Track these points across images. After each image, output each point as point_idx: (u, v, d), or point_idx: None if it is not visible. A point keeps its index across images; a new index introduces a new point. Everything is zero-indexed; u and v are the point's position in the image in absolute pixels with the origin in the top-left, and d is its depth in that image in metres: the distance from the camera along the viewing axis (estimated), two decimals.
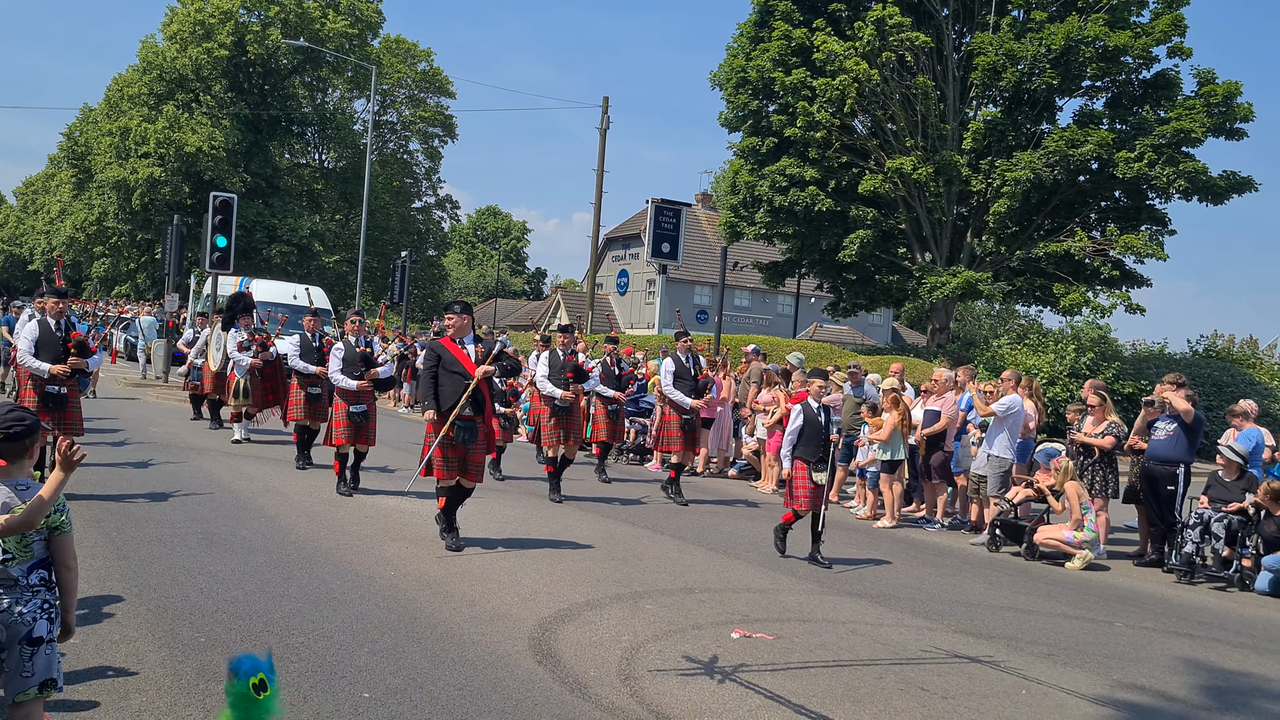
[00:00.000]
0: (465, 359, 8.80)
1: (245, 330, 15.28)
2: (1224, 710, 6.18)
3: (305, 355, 13.11)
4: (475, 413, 8.76)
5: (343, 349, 11.42)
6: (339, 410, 11.27)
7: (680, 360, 12.99)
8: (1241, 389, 25.31)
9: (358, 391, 11.32)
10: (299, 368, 13.05)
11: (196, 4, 47.62)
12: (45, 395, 9.56)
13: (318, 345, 13.18)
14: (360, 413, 11.31)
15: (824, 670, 6.17)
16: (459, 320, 8.99)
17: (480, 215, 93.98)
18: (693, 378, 12.84)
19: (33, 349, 9.58)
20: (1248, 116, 25.02)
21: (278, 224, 48.28)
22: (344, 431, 11.21)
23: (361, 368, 11.36)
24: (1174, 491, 11.08)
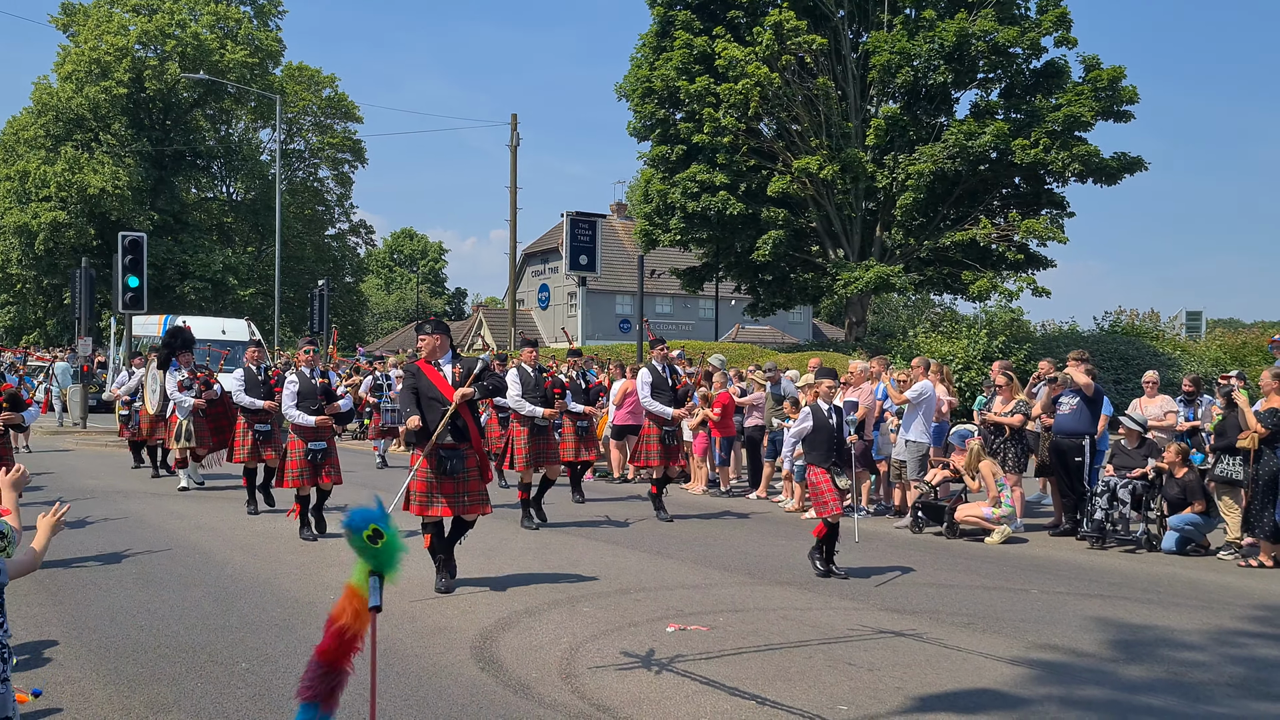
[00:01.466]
0: (441, 382, 8.14)
1: (186, 368, 14.33)
2: (1131, 661, 6.60)
3: (251, 390, 12.26)
4: (458, 440, 8.03)
5: (296, 381, 10.57)
6: (295, 449, 10.43)
7: (657, 370, 12.27)
8: (1147, 361, 26.32)
9: (316, 427, 10.49)
10: (245, 403, 12.22)
11: (90, 42, 46.67)
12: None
13: (264, 378, 12.41)
14: (320, 450, 10.49)
15: (756, 655, 6.45)
16: (431, 340, 8.29)
17: (396, 239, 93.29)
18: (671, 387, 12.17)
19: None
20: (1133, 99, 26.12)
21: (189, 260, 47.47)
22: (302, 471, 10.39)
23: (320, 401, 10.57)
24: (1081, 462, 11.64)
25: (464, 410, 8.03)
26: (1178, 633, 7.34)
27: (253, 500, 12.26)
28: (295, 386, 10.51)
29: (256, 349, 12.94)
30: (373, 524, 3.94)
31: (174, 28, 47.79)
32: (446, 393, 8.05)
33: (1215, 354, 28.49)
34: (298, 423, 10.41)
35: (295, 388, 10.51)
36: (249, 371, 12.42)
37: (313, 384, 10.61)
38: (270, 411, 12.12)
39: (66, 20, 50.09)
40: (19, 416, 9.19)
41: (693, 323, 53.34)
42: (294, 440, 10.48)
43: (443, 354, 8.32)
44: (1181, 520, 10.61)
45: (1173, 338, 33.57)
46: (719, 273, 32.12)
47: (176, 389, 14.07)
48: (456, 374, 8.16)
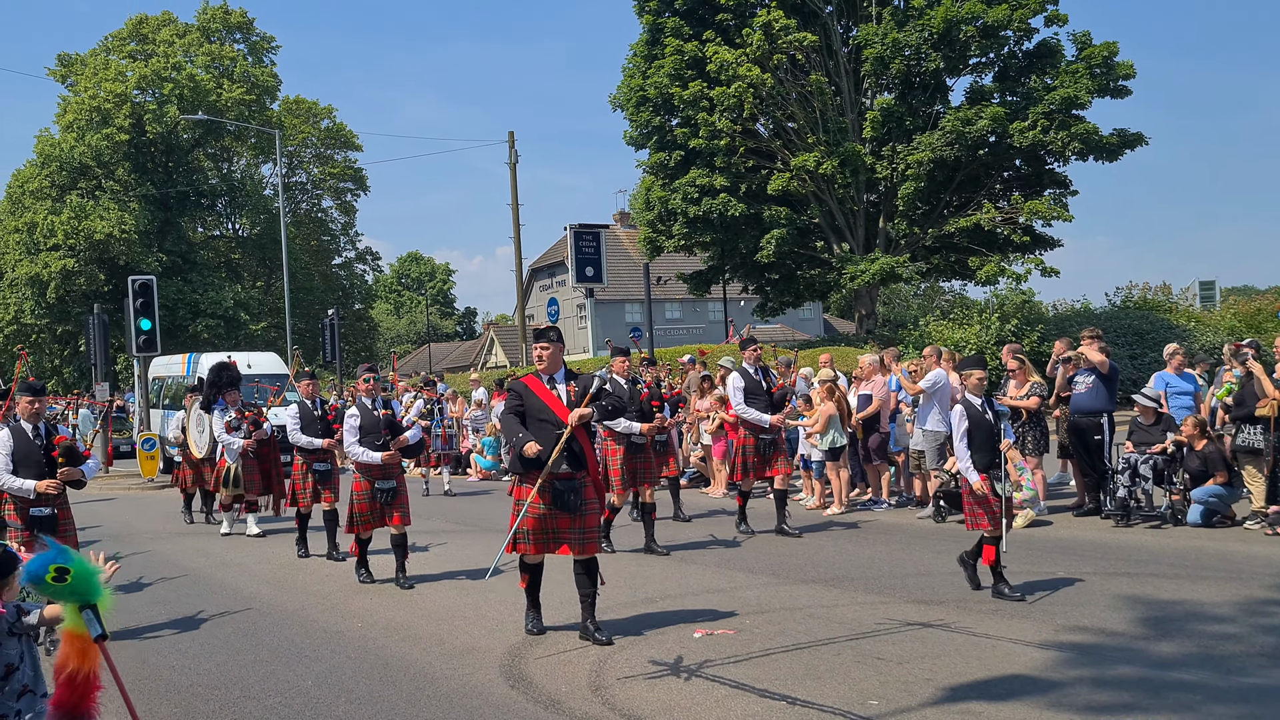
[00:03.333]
0: (555, 401, 7.13)
1: (233, 408, 13.19)
2: (1161, 638, 6.57)
3: (307, 427, 11.05)
4: (574, 468, 7.04)
5: (357, 415, 9.44)
6: (361, 491, 9.31)
7: (749, 373, 11.24)
8: (1161, 334, 26.26)
9: (383, 464, 9.34)
10: (302, 443, 11.02)
11: (89, 91, 47.01)
12: (32, 520, 7.80)
13: (320, 414, 11.25)
14: (388, 489, 9.34)
15: (784, 655, 6.45)
16: (554, 351, 7.30)
17: (403, 263, 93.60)
18: (766, 391, 11.15)
19: (10, 464, 7.75)
20: (1129, 74, 26.04)
21: (199, 299, 47.71)
22: (370, 514, 9.30)
23: (385, 435, 9.39)
24: (1101, 440, 11.60)
25: (580, 434, 7.04)
26: (1207, 606, 7.30)
27: (303, 542, 11.37)
28: (357, 420, 9.41)
29: (310, 382, 11.62)
30: (51, 566, 3.92)
31: (170, 71, 48.10)
32: (561, 413, 7.06)
33: (1230, 323, 28.40)
34: (363, 461, 9.28)
35: (357, 422, 9.40)
36: (304, 407, 11.23)
37: (375, 416, 9.47)
38: (329, 450, 11.15)
39: (64, 71, 50.51)
40: (78, 472, 7.98)
41: (703, 326, 53.32)
42: (359, 481, 9.35)
43: (558, 369, 7.34)
44: (1205, 493, 10.56)
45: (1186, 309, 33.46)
46: (725, 275, 32.13)
47: (224, 430, 13.00)
48: (572, 393, 7.17)
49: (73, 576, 3.91)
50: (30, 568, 3.96)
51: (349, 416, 9.51)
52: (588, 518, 7.09)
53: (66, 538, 7.60)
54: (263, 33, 53.94)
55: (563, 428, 6.96)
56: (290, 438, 11.20)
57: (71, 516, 8.16)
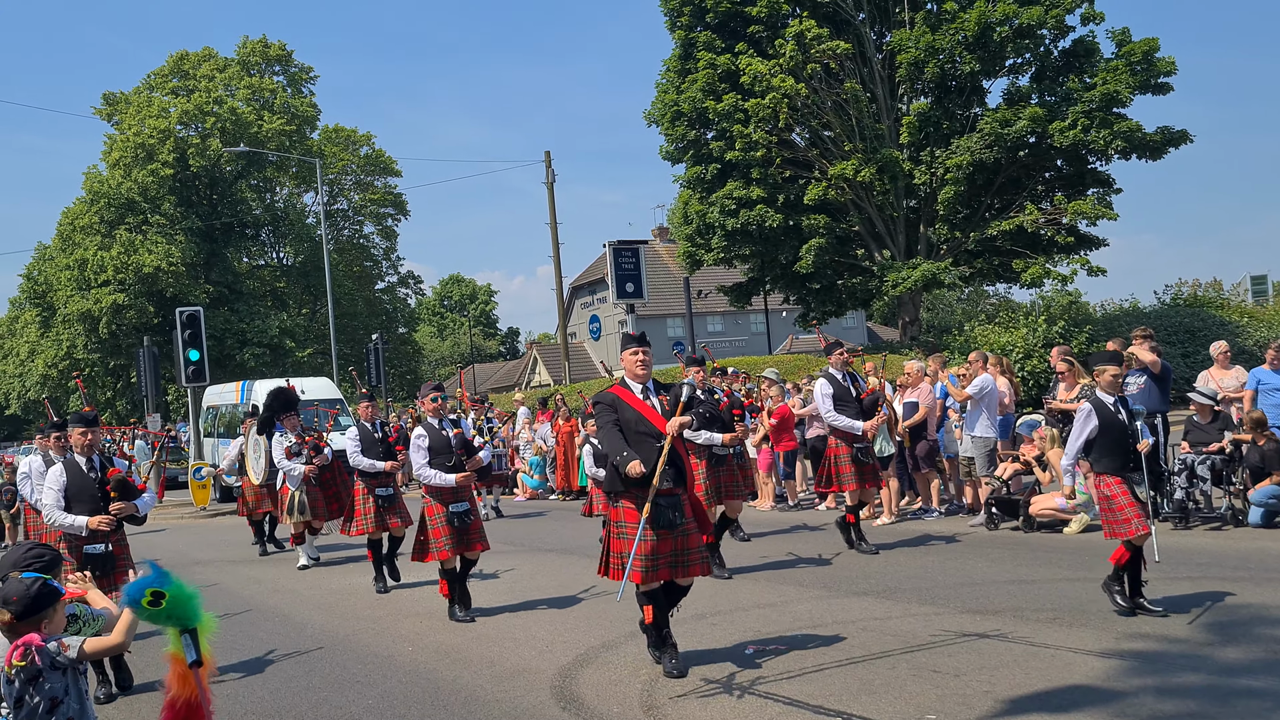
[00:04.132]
0: (650, 411, 6.68)
1: (292, 433, 12.82)
2: (1227, 643, 6.40)
3: (369, 450, 10.77)
4: (676, 483, 6.59)
5: (425, 435, 8.88)
6: (434, 515, 8.76)
7: (837, 378, 10.65)
8: (1213, 331, 25.74)
9: (457, 487, 8.84)
10: (364, 466, 10.74)
11: (134, 128, 47.98)
12: (86, 559, 7.27)
13: (381, 436, 10.96)
14: (462, 512, 8.83)
15: (838, 670, 6.36)
16: (644, 358, 6.85)
17: (445, 285, 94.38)
18: (856, 398, 10.57)
19: (62, 500, 7.35)
20: (1170, 70, 25.62)
21: (246, 328, 48.39)
22: (447, 541, 8.69)
23: (458, 455, 8.92)
24: (1155, 442, 11.34)
25: (679, 445, 6.64)
26: (1273, 609, 7.11)
27: (381, 577, 10.68)
28: (425, 441, 8.85)
29: (369, 403, 11.27)
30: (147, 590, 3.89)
31: (212, 105, 48.99)
32: (658, 424, 6.61)
33: None
34: (434, 484, 8.72)
35: (425, 442, 8.84)
36: (364, 429, 10.92)
37: (445, 436, 8.94)
38: (392, 473, 10.90)
39: (110, 110, 51.57)
40: (133, 506, 7.49)
41: (745, 338, 53.19)
42: (431, 505, 8.81)
43: (647, 378, 6.87)
44: (1264, 494, 10.30)
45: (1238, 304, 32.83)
46: (766, 286, 32.00)
47: (284, 456, 12.65)
48: (664, 403, 6.76)
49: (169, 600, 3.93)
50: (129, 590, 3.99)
51: (416, 437, 8.93)
52: (689, 537, 6.60)
53: (122, 575, 7.29)
54: (301, 64, 54.81)
55: (662, 440, 6.49)
56: (351, 461, 10.91)
57: (129, 553, 7.62)
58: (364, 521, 10.73)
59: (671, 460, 6.48)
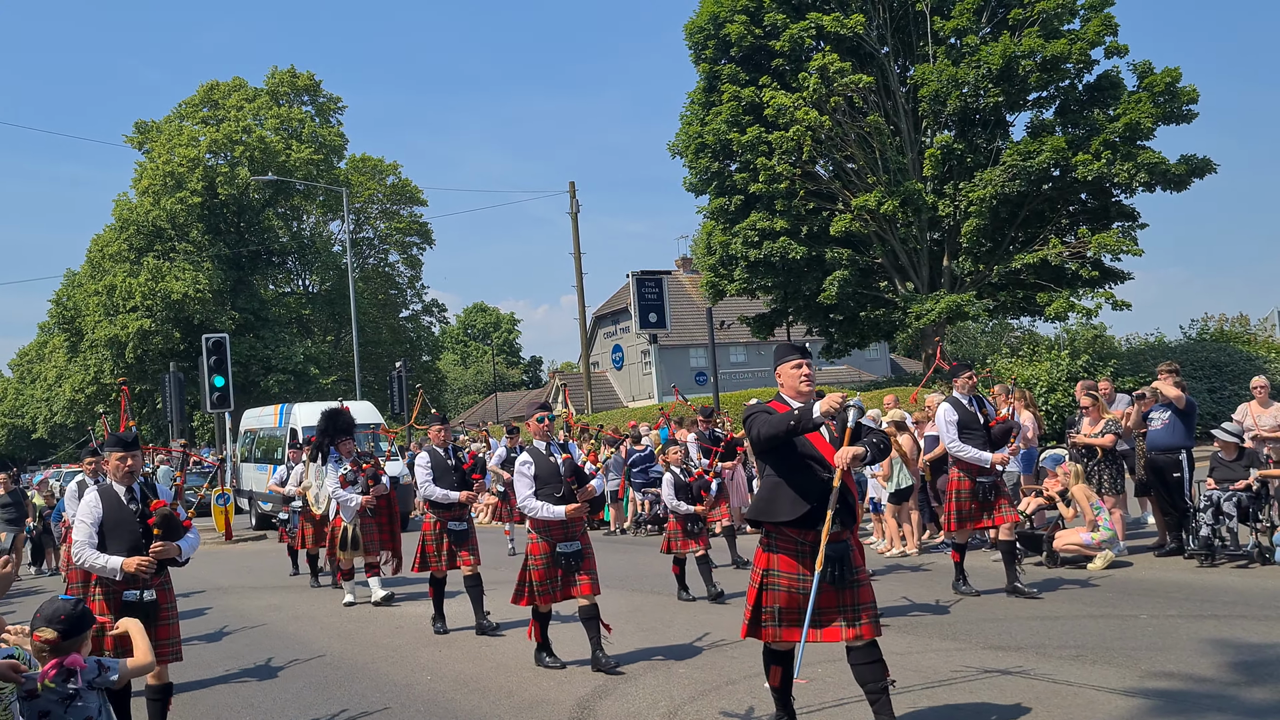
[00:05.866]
0: (816, 437, 5.56)
1: (348, 459, 11.69)
2: (1254, 683, 6.31)
3: (441, 478, 9.64)
4: (845, 524, 5.51)
5: (531, 462, 7.85)
6: (538, 555, 7.71)
7: (963, 404, 9.69)
8: (1240, 367, 25.53)
9: (567, 521, 7.74)
10: (436, 497, 9.61)
11: (164, 156, 48.67)
12: (126, 608, 6.07)
13: (455, 463, 9.81)
14: (572, 553, 7.71)
15: (858, 705, 6.30)
16: (805, 371, 5.75)
17: (469, 314, 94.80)
18: (984, 426, 9.59)
19: (95, 536, 6.20)
20: (1193, 98, 25.59)
21: (271, 354, 48.78)
22: (549, 583, 7.67)
23: (570, 483, 7.82)
24: (1180, 478, 11.25)
25: (849, 481, 5.57)
26: None
27: (440, 617, 9.81)
28: (531, 469, 7.80)
29: (443, 426, 10.03)
30: None
31: (241, 134, 49.65)
32: (825, 452, 5.52)
33: None
34: (541, 517, 7.70)
35: (531, 470, 7.80)
36: (435, 455, 9.78)
37: (553, 463, 7.88)
38: (467, 504, 9.83)
39: (141, 138, 52.35)
40: (175, 548, 6.28)
41: (767, 369, 53.02)
42: (535, 543, 7.76)
43: (810, 395, 5.70)
44: None
45: (1265, 339, 32.53)
46: (789, 317, 32.00)
47: (339, 485, 11.54)
48: (831, 428, 5.60)
49: None
50: None
51: (521, 464, 7.87)
52: (861, 590, 5.52)
53: (168, 626, 6.33)
54: (329, 94, 55.50)
55: (831, 472, 5.39)
56: (422, 491, 9.83)
57: (174, 601, 6.51)
58: (437, 559, 9.65)
59: (842, 497, 5.40)
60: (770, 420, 5.41)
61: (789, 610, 5.45)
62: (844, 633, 5.48)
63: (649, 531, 17.28)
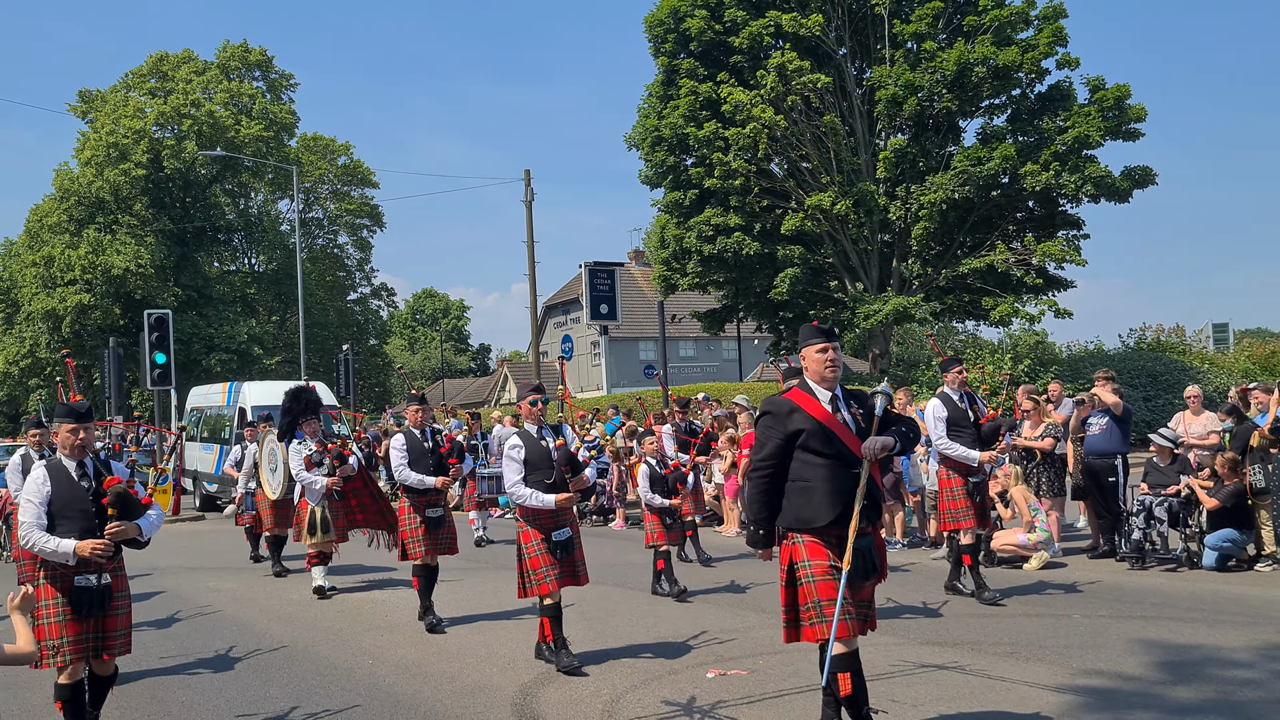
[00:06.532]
0: (841, 428, 5.22)
1: (313, 439, 11.01)
2: (1179, 682, 6.50)
3: (418, 462, 9.18)
4: (871, 520, 5.32)
5: (520, 446, 7.44)
6: (530, 542, 7.37)
7: (953, 400, 9.40)
8: (1175, 376, 26.18)
9: (557, 510, 7.42)
10: (411, 482, 9.14)
11: (108, 127, 47.65)
12: (77, 594, 5.72)
13: (432, 446, 9.34)
14: (565, 541, 7.39)
15: (798, 696, 6.41)
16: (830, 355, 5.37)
17: (417, 299, 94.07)
18: (974, 423, 9.32)
19: (43, 517, 5.71)
20: (1140, 116, 26.12)
21: (214, 333, 48.04)
22: (549, 571, 7.30)
23: (563, 472, 7.47)
24: (1115, 482, 11.54)
25: (875, 472, 5.24)
26: (1225, 651, 7.23)
27: (429, 610, 9.12)
28: (521, 453, 7.41)
29: (420, 407, 9.56)
30: None
31: (189, 107, 48.75)
32: (852, 444, 5.21)
33: (1244, 365, 28.31)
34: (530, 505, 7.35)
35: (521, 455, 7.40)
36: (411, 437, 9.32)
37: (544, 448, 7.48)
38: (444, 490, 9.39)
39: (85, 107, 51.20)
40: (134, 527, 5.80)
41: (717, 364, 53.34)
42: (527, 531, 7.41)
43: (834, 383, 5.38)
44: (1219, 538, 10.46)
45: (1200, 351, 33.38)
46: (739, 314, 32.18)
47: (304, 467, 10.87)
48: (858, 416, 5.30)
49: None
50: None
51: (511, 449, 7.46)
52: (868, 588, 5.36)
53: (118, 616, 5.92)
54: (281, 70, 54.68)
55: (858, 465, 5.14)
56: (397, 475, 9.32)
57: (128, 588, 6.09)
58: (415, 546, 9.13)
59: (869, 491, 5.14)
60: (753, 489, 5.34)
61: (828, 601, 5.08)
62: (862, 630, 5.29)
63: (593, 522, 17.32)
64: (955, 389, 9.43)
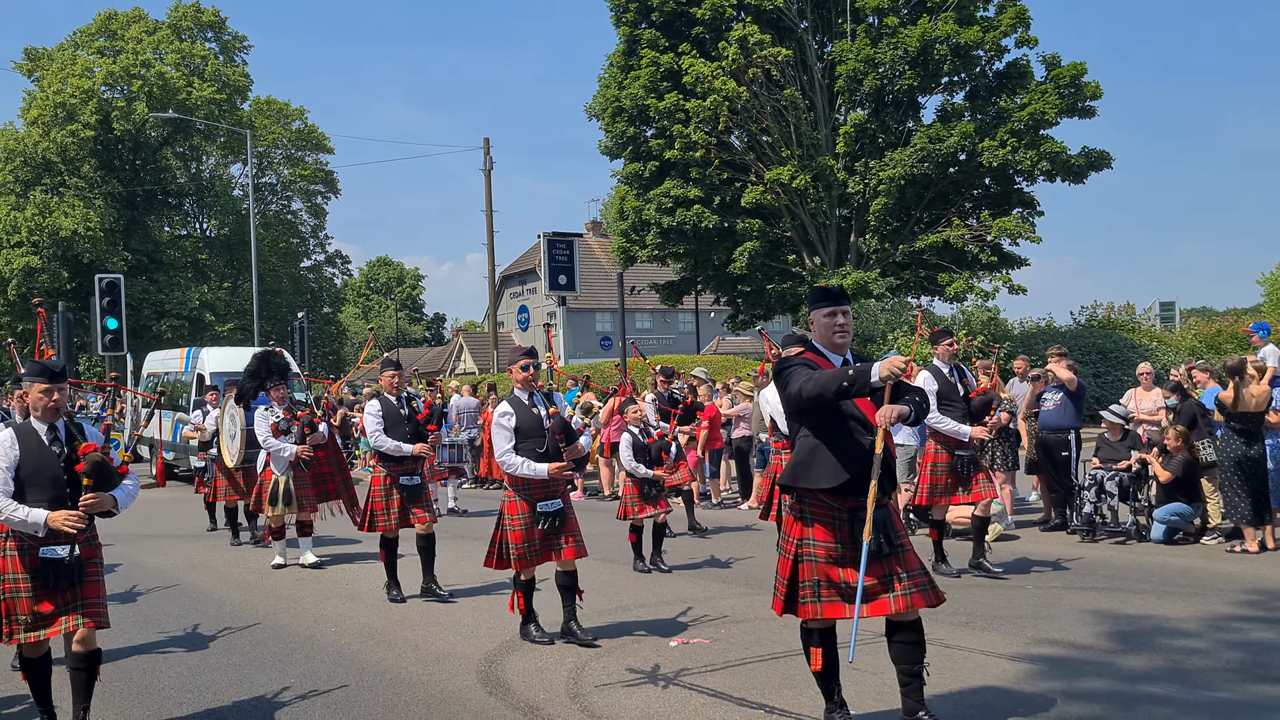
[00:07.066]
0: None
1: (280, 405, 10.54)
2: (1130, 651, 6.68)
3: (394, 429, 8.85)
4: (887, 491, 5.09)
5: (511, 413, 7.16)
6: (516, 515, 7.13)
7: (943, 373, 9.16)
8: (1124, 354, 26.66)
9: (548, 480, 7.16)
10: (387, 449, 8.79)
11: (55, 86, 46.50)
12: (44, 566, 5.25)
13: (408, 413, 8.98)
14: (555, 512, 7.14)
15: (760, 664, 6.50)
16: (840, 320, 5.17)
17: (372, 267, 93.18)
18: (963, 397, 9.08)
19: (11, 484, 5.24)
20: (1096, 94, 26.44)
21: (165, 299, 47.26)
22: (529, 546, 7.09)
23: (558, 441, 7.22)
24: (1068, 457, 11.77)
25: (889, 441, 4.99)
26: (1173, 621, 7.43)
27: (395, 584, 8.92)
28: (512, 420, 7.13)
29: (395, 371, 9.23)
30: None
31: (139, 68, 47.69)
32: (866, 410, 4.99)
33: (1191, 344, 28.85)
34: (521, 474, 7.07)
35: (512, 422, 7.13)
36: (387, 403, 8.96)
37: (537, 415, 7.21)
38: (420, 457, 8.99)
39: (31, 65, 49.90)
40: (108, 498, 5.40)
41: (673, 337, 53.44)
42: (514, 502, 7.16)
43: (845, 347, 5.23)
44: (1167, 512, 10.72)
45: (1149, 329, 33.98)
46: (698, 286, 32.25)
47: (270, 434, 10.42)
48: None
49: None
50: None
51: (501, 415, 7.16)
52: (907, 556, 5.09)
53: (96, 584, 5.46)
54: (235, 32, 53.62)
55: (872, 433, 4.93)
56: (372, 441, 8.98)
57: (101, 561, 5.58)
58: (386, 517, 8.79)
59: (883, 461, 4.90)
60: (817, 378, 4.78)
61: (829, 583, 5.00)
62: (892, 604, 5.03)
63: None
64: (945, 361, 9.21)
